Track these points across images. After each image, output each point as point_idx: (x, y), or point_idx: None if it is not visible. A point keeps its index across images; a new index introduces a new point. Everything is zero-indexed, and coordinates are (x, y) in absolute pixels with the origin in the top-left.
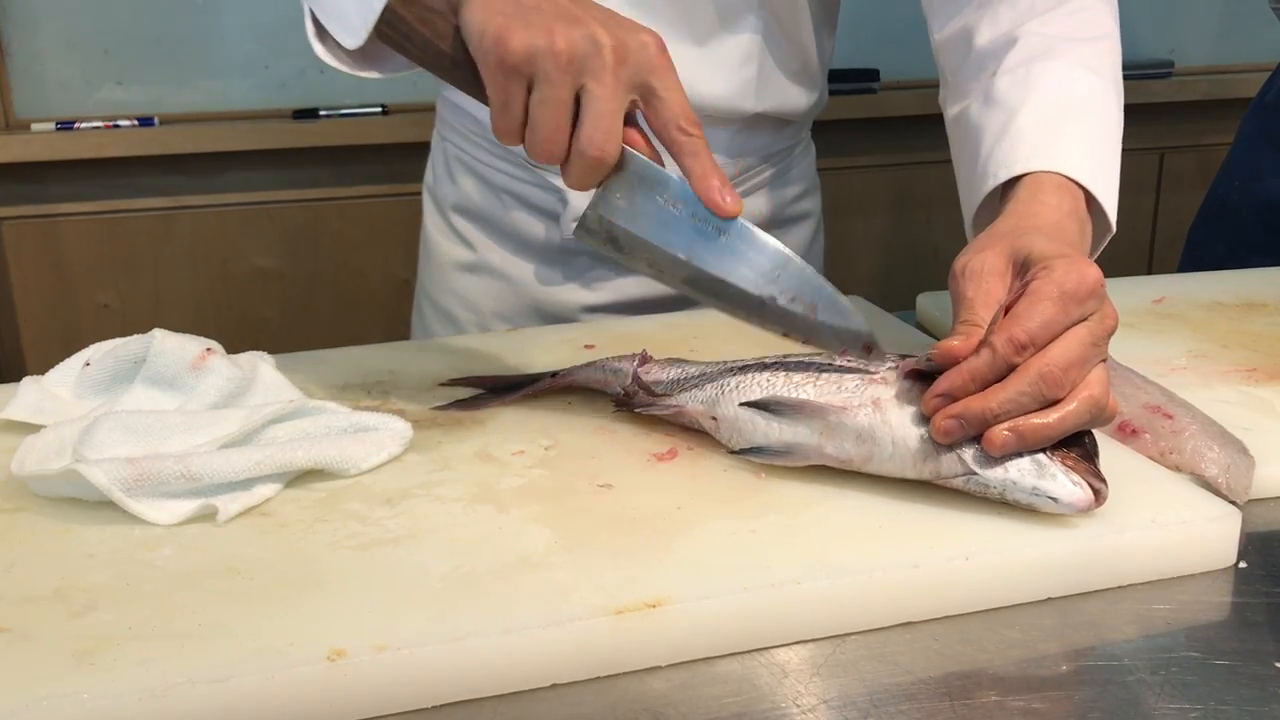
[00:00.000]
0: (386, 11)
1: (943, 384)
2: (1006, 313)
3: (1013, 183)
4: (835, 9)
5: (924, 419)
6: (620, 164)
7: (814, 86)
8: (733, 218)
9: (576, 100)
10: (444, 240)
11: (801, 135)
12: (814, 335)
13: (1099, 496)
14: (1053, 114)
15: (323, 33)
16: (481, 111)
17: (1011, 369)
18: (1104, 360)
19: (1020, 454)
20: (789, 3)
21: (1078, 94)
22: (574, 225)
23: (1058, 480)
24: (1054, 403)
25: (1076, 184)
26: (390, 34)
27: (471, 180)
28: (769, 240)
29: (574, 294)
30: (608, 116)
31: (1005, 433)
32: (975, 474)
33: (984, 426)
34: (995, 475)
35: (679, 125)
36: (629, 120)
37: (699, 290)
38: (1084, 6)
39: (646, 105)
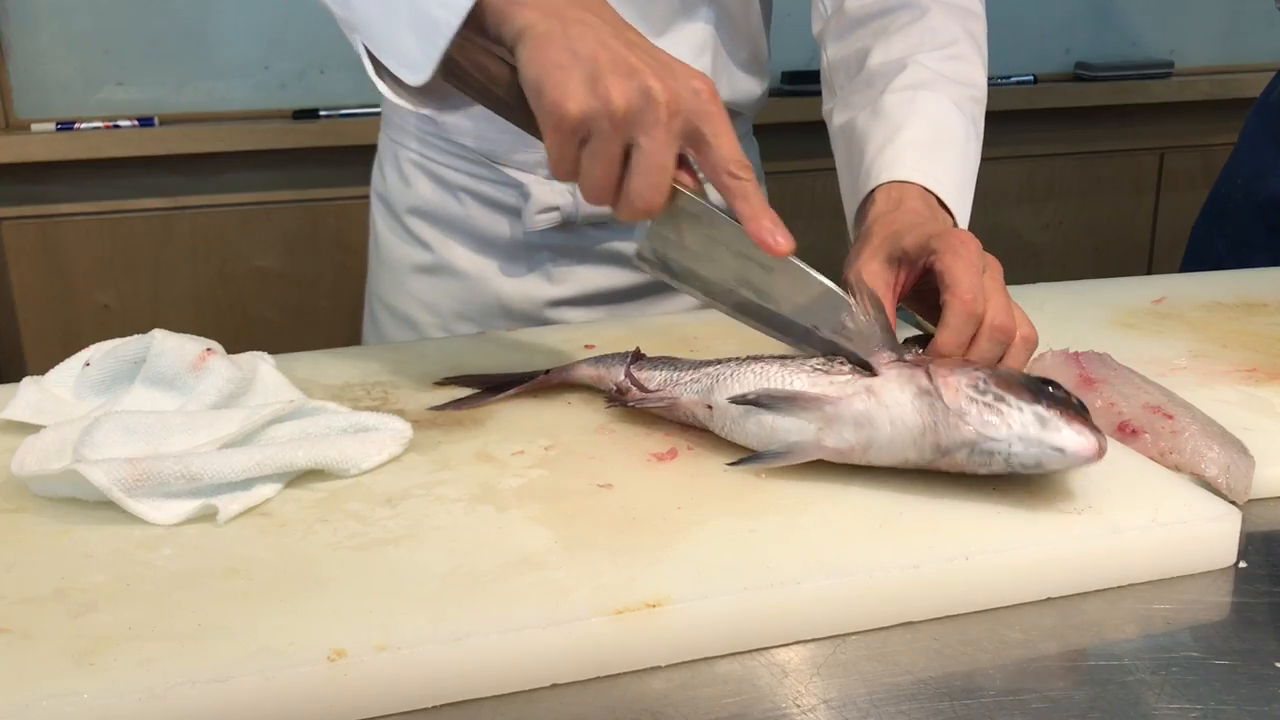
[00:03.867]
0: (458, 44)
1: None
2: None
3: (880, 187)
4: (770, 5)
5: (918, 395)
6: (671, 199)
7: (762, 79)
8: (784, 256)
9: (628, 147)
10: (399, 243)
11: (747, 129)
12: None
13: (1101, 446)
14: (931, 137)
15: (383, 69)
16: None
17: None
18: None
19: (1021, 410)
20: None
21: (950, 127)
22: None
23: (1063, 431)
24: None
25: (940, 201)
26: (448, 77)
27: (427, 181)
28: (815, 274)
29: (538, 289)
30: (655, 172)
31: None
32: (980, 435)
33: None
34: (1000, 433)
35: (729, 170)
36: (681, 161)
37: (747, 315)
38: (962, 55)
39: (697, 151)
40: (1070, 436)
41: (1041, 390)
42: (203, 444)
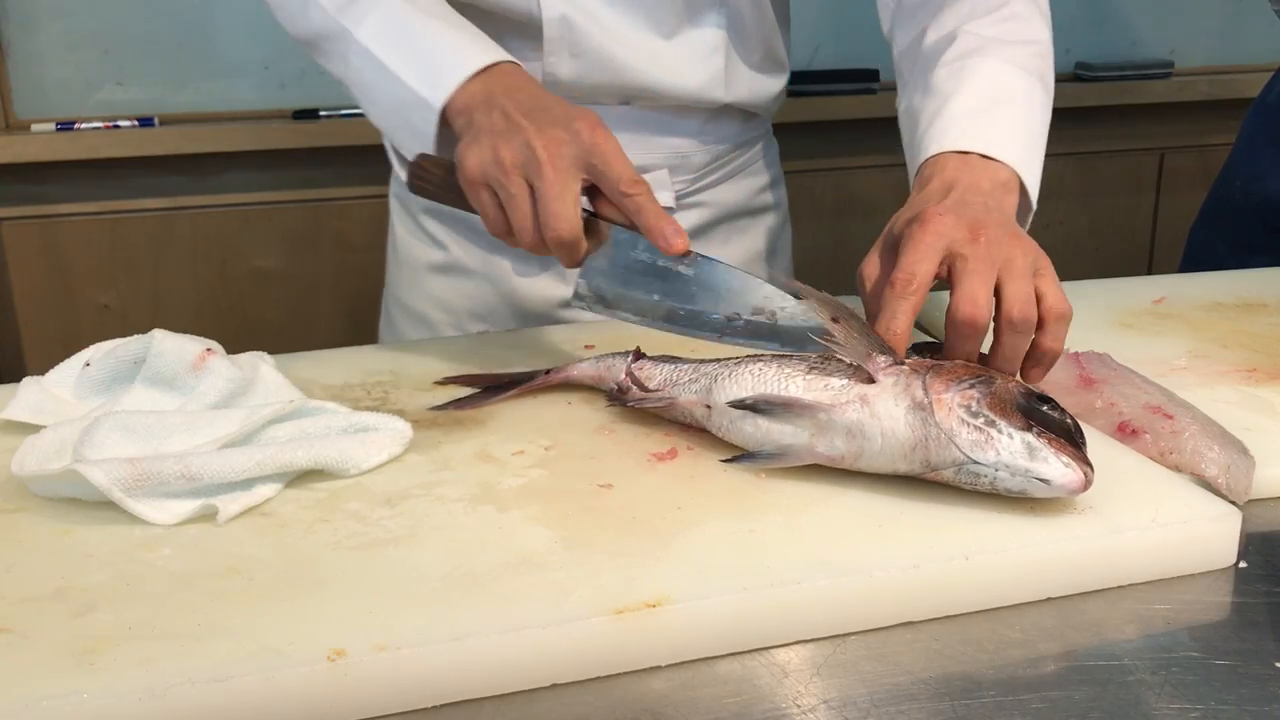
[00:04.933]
0: (414, 165)
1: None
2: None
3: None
4: (788, 5)
5: (912, 410)
6: (599, 237)
7: (778, 79)
8: (681, 253)
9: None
10: (415, 243)
11: (765, 128)
12: (780, 339)
13: (1088, 480)
14: (982, 103)
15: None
16: None
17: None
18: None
19: (1011, 436)
20: None
21: (1005, 87)
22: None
23: (1050, 463)
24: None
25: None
26: (420, 191)
27: None
28: (723, 264)
29: (551, 288)
30: (554, 201)
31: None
32: (967, 459)
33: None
34: (988, 458)
35: (620, 190)
36: (595, 195)
37: (678, 324)
38: (1017, 14)
39: (596, 181)
40: (1057, 469)
41: (1036, 415)
42: (203, 444)
